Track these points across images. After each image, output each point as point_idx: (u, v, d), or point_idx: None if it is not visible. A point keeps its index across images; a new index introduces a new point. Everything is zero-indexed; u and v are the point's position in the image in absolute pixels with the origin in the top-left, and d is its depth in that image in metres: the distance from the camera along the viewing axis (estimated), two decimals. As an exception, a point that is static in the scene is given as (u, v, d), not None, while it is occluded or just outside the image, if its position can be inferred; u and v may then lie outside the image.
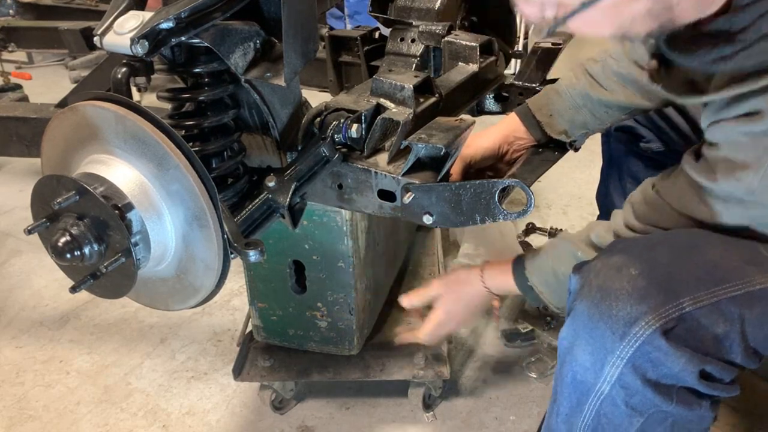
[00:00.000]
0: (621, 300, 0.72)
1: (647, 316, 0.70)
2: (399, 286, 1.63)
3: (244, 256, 0.78)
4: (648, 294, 0.71)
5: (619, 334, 0.71)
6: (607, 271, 0.75)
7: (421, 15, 1.39)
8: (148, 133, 0.70)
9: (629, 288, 0.72)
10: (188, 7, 0.76)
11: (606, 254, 0.78)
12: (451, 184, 0.95)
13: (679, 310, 0.70)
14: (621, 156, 1.46)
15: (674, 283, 0.72)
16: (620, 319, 0.71)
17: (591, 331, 0.74)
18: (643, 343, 0.70)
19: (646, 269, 0.73)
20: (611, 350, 0.72)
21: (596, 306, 0.74)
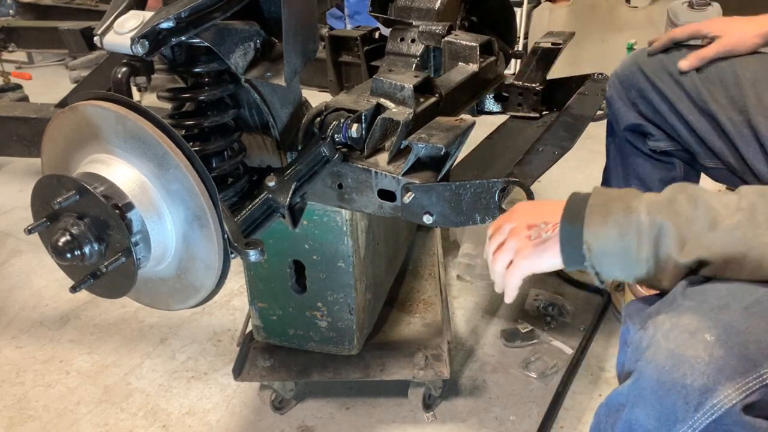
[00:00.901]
0: (697, 369, 0.67)
1: (727, 389, 0.65)
2: (399, 286, 1.63)
3: (245, 256, 0.78)
4: (727, 364, 0.66)
5: (694, 405, 0.66)
6: (678, 335, 0.69)
7: (421, 15, 1.39)
8: (148, 133, 0.70)
9: (706, 357, 0.67)
10: (188, 7, 0.76)
11: (673, 311, 0.72)
12: (451, 184, 0.95)
13: (761, 383, 0.66)
14: (627, 155, 1.45)
15: (754, 351, 0.67)
16: (695, 390, 0.66)
17: (660, 398, 0.69)
18: (721, 416, 0.66)
19: (723, 336, 0.67)
20: (682, 420, 0.68)
21: (668, 373, 0.69)
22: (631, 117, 1.37)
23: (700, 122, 1.25)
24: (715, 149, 1.25)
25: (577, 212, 0.78)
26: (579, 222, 0.77)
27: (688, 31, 1.28)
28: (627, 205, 0.76)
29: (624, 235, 0.75)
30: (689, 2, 2.96)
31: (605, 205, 0.77)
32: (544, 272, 0.84)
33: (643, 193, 0.77)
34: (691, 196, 0.74)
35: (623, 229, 0.75)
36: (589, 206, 0.77)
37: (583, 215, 0.77)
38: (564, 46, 1.55)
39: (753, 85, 1.18)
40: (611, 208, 0.76)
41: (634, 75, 1.35)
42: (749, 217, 0.70)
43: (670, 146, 1.35)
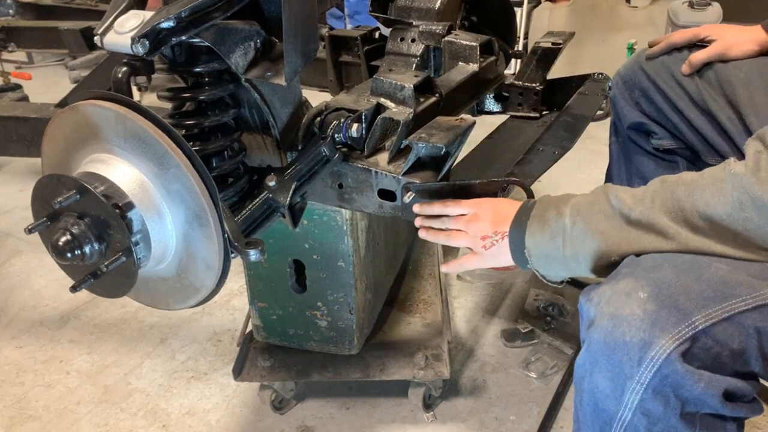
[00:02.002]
0: (633, 326, 0.71)
1: (661, 339, 0.69)
2: (399, 286, 1.63)
3: (245, 256, 0.78)
4: (659, 317, 0.70)
5: (636, 360, 0.71)
6: (617, 298, 0.74)
7: (421, 15, 1.39)
8: (148, 133, 0.70)
9: (640, 313, 0.71)
10: (188, 7, 0.76)
11: (613, 280, 0.77)
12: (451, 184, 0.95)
13: (693, 329, 0.69)
14: (630, 154, 1.46)
15: (684, 302, 0.71)
16: (635, 345, 0.71)
17: (608, 358, 0.73)
18: (660, 367, 0.69)
19: (654, 291, 0.72)
20: (630, 376, 0.72)
21: (610, 333, 0.73)
22: (634, 116, 1.38)
23: (702, 121, 1.27)
24: (717, 147, 1.26)
25: (522, 220, 0.88)
26: (522, 230, 0.88)
27: (686, 36, 1.30)
28: (558, 210, 0.85)
29: (554, 238, 0.84)
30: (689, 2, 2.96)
31: (544, 213, 0.86)
32: None
33: (573, 196, 0.86)
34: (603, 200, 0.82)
35: (554, 232, 0.84)
36: (532, 216, 0.87)
37: (527, 223, 0.87)
38: (564, 46, 1.55)
39: (745, 86, 1.21)
40: (547, 214, 0.86)
41: (637, 75, 1.36)
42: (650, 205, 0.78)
43: (673, 144, 1.36)
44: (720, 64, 1.24)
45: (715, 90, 1.24)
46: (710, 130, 1.26)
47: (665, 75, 1.31)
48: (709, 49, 1.25)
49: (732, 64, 1.23)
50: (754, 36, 1.23)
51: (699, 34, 1.29)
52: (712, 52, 1.24)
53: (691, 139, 1.30)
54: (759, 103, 1.18)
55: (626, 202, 0.79)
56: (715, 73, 1.24)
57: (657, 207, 0.77)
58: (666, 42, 1.32)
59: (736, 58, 1.23)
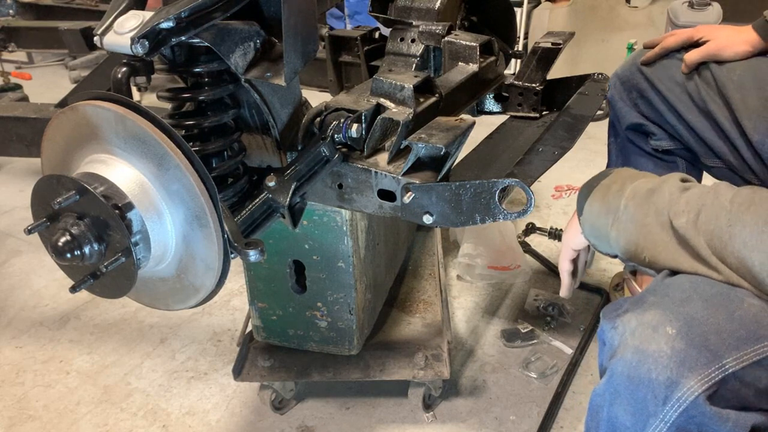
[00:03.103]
0: (660, 363, 0.69)
1: (690, 380, 0.67)
2: (399, 286, 1.63)
3: (244, 256, 0.78)
4: (688, 356, 0.68)
5: (662, 399, 0.68)
6: (642, 331, 0.72)
7: (421, 15, 1.39)
8: (148, 133, 0.70)
9: (668, 350, 0.69)
10: (188, 7, 0.76)
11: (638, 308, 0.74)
12: (451, 184, 0.95)
13: (723, 372, 0.67)
14: (629, 155, 1.46)
15: (715, 342, 0.68)
16: (661, 383, 0.68)
17: (631, 393, 0.71)
18: (687, 408, 0.67)
19: (684, 328, 0.69)
20: (654, 414, 0.69)
21: (635, 369, 0.71)
22: (632, 117, 1.38)
23: (700, 122, 1.26)
24: (715, 148, 1.26)
25: (592, 186, 0.86)
26: (586, 195, 0.86)
27: (680, 39, 1.31)
28: (622, 187, 0.82)
29: (607, 214, 0.82)
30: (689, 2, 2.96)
31: (610, 185, 0.84)
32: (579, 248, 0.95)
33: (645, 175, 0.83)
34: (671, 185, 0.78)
35: (609, 207, 0.82)
36: (600, 184, 0.85)
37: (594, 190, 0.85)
38: (564, 46, 1.55)
39: (738, 88, 1.21)
40: (613, 188, 0.84)
41: (634, 75, 1.36)
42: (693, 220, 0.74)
43: (672, 145, 1.36)
44: (715, 65, 1.24)
45: (713, 91, 1.24)
46: (708, 131, 1.26)
47: (663, 76, 1.31)
48: (702, 49, 1.25)
49: (726, 66, 1.23)
50: (746, 37, 1.23)
51: (693, 35, 1.29)
52: (706, 52, 1.24)
53: (690, 140, 1.30)
54: (751, 105, 1.18)
55: (678, 205, 0.75)
56: (711, 74, 1.24)
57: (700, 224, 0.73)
58: (660, 47, 1.32)
59: (729, 59, 1.23)
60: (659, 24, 3.37)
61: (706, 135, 1.26)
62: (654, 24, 3.43)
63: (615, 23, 3.55)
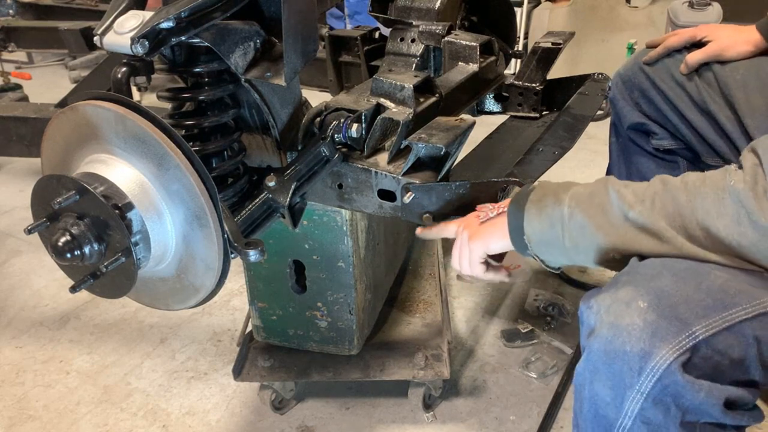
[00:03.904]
0: (634, 335, 0.71)
1: (661, 349, 0.69)
2: (399, 286, 1.63)
3: (244, 256, 0.78)
4: (659, 327, 0.70)
5: (636, 370, 0.71)
6: (616, 307, 0.74)
7: (421, 15, 1.39)
8: (148, 133, 0.70)
9: (640, 322, 0.71)
10: (188, 7, 0.76)
11: (612, 287, 0.77)
12: (451, 184, 0.95)
13: (693, 339, 0.69)
14: (630, 154, 1.46)
15: (684, 311, 0.71)
16: (635, 355, 0.71)
17: (608, 367, 0.74)
18: (660, 377, 0.69)
19: (654, 300, 0.72)
20: (630, 385, 0.72)
21: (610, 343, 0.73)
22: (634, 116, 1.38)
23: (701, 121, 1.27)
24: (717, 148, 1.26)
25: (521, 204, 0.86)
26: (521, 214, 0.85)
27: (683, 38, 1.31)
28: (557, 198, 0.83)
29: (553, 226, 0.83)
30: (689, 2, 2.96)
31: (541, 199, 0.85)
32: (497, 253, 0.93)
33: (574, 185, 0.84)
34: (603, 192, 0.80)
35: (552, 220, 0.83)
36: (530, 201, 0.85)
37: (525, 207, 0.85)
38: (564, 46, 1.55)
39: (742, 87, 1.21)
40: (545, 200, 0.84)
41: (636, 75, 1.36)
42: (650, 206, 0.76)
43: (673, 145, 1.36)
44: (718, 65, 1.24)
45: (714, 91, 1.24)
46: (710, 130, 1.26)
47: (665, 75, 1.31)
48: (705, 50, 1.25)
49: (729, 66, 1.23)
50: (748, 37, 1.23)
51: (695, 35, 1.29)
52: (708, 52, 1.24)
53: (691, 139, 1.30)
54: (755, 105, 1.18)
55: (627, 198, 0.78)
56: (713, 74, 1.25)
57: (657, 209, 0.76)
58: (663, 46, 1.32)
59: (731, 59, 1.23)
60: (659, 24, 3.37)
61: (707, 134, 1.26)
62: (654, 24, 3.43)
63: (615, 23, 3.55)
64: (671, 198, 0.76)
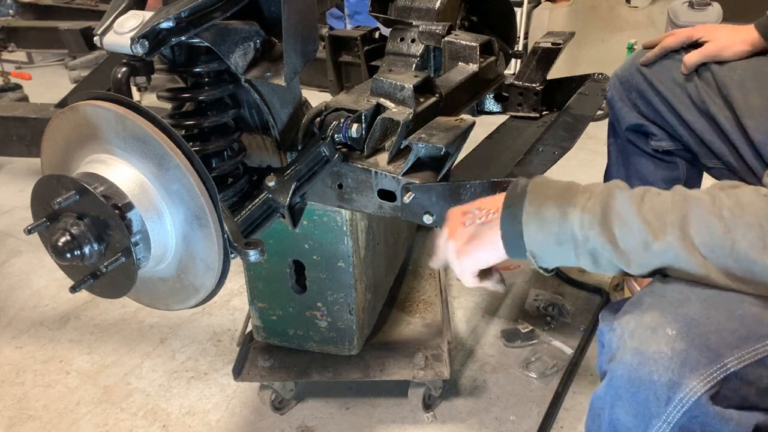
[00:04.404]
0: (661, 364, 0.68)
1: (691, 380, 0.67)
2: (399, 286, 1.63)
3: (244, 256, 0.78)
4: (689, 356, 0.68)
5: (664, 400, 0.68)
6: (642, 332, 0.71)
7: (421, 15, 1.39)
8: (148, 133, 0.70)
9: (668, 351, 0.68)
10: (188, 7, 0.76)
11: (636, 310, 0.74)
12: (451, 184, 0.95)
13: (724, 372, 0.67)
14: (629, 155, 1.45)
15: (715, 341, 0.68)
16: (663, 385, 0.68)
17: (633, 395, 0.71)
18: (690, 408, 0.67)
19: (684, 329, 0.69)
20: (656, 415, 0.69)
21: (636, 370, 0.70)
22: (632, 117, 1.38)
23: (700, 123, 1.26)
24: (715, 149, 1.26)
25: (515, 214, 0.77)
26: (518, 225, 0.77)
27: (680, 38, 1.30)
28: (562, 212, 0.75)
29: (561, 244, 0.76)
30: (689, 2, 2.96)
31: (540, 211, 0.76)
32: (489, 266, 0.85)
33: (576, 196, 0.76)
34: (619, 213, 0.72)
35: (559, 239, 0.75)
36: (526, 212, 0.77)
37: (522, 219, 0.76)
38: (564, 46, 1.55)
39: (740, 87, 1.20)
40: (546, 214, 0.76)
41: (634, 76, 1.36)
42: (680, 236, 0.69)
43: (672, 146, 1.36)
44: (716, 65, 1.23)
45: (712, 91, 1.23)
46: (708, 132, 1.25)
47: (663, 77, 1.31)
48: (702, 50, 1.24)
49: (727, 66, 1.22)
50: (746, 36, 1.23)
51: (692, 35, 1.29)
52: (706, 53, 1.24)
53: (689, 140, 1.30)
54: (754, 105, 1.17)
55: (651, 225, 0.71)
56: (711, 74, 1.24)
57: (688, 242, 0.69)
58: (660, 47, 1.32)
59: (729, 59, 1.23)
60: (659, 24, 3.37)
61: (705, 135, 1.26)
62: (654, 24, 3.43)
63: (615, 23, 3.55)
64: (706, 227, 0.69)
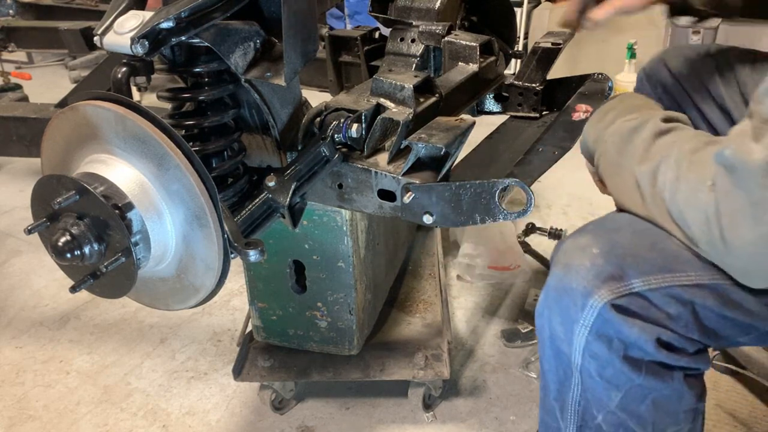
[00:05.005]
0: (580, 275, 0.78)
1: (600, 290, 0.76)
2: (399, 286, 1.63)
3: (244, 256, 0.78)
4: (603, 270, 0.77)
5: (579, 305, 0.77)
6: (573, 250, 0.82)
7: (421, 15, 1.39)
8: (148, 133, 0.70)
9: (588, 264, 0.78)
10: (188, 7, 0.76)
11: (577, 234, 0.85)
12: (451, 184, 0.95)
13: (629, 289, 0.76)
14: None
15: (629, 264, 0.77)
16: (578, 291, 0.78)
17: (559, 302, 0.80)
18: (599, 312, 0.76)
19: (606, 249, 0.79)
20: (575, 320, 0.78)
21: (560, 280, 0.80)
22: None
23: (719, 119, 1.27)
24: None
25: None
26: None
27: None
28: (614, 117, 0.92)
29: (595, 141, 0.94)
30: (689, 2, 2.95)
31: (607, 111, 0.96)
32: None
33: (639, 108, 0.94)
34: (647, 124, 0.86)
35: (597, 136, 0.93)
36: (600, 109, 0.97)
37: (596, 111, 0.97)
38: (564, 46, 1.55)
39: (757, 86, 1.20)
40: (607, 115, 0.94)
41: (660, 71, 1.37)
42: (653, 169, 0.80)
43: None
44: (739, 64, 1.24)
45: (732, 89, 1.24)
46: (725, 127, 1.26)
47: (687, 72, 1.32)
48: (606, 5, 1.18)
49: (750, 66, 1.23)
50: None
51: None
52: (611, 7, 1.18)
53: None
54: None
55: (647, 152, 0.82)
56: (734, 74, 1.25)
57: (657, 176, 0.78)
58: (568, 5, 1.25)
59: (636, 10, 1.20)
60: (659, 24, 3.37)
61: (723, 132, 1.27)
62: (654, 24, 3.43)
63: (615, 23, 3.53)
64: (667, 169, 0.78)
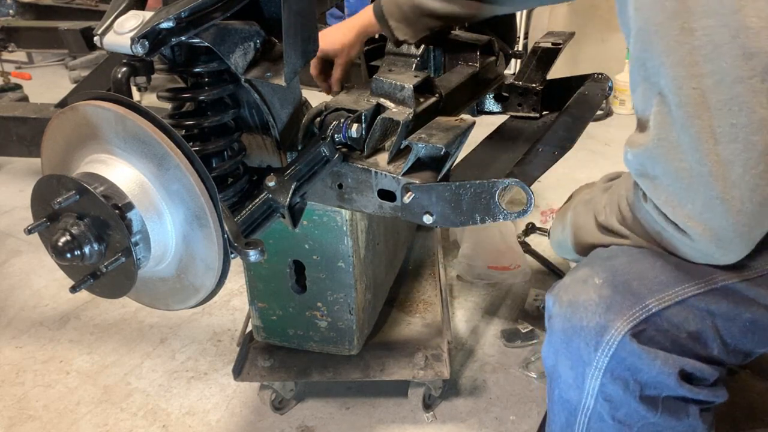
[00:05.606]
0: (589, 310, 0.73)
1: (616, 322, 0.71)
2: (399, 286, 1.63)
3: (244, 256, 0.78)
4: (613, 301, 0.72)
5: (593, 345, 0.72)
6: (574, 285, 0.77)
7: (421, 15, 1.39)
8: (148, 133, 0.70)
9: (595, 297, 0.73)
10: (188, 7, 0.76)
11: (574, 270, 0.81)
12: (451, 184, 0.95)
13: (646, 312, 0.71)
14: None
15: (637, 286, 0.73)
16: (591, 329, 0.72)
17: (567, 345, 0.75)
18: (616, 350, 0.71)
19: (609, 277, 0.75)
20: (588, 362, 0.73)
21: (568, 320, 0.75)
22: None
23: None
24: None
25: None
26: None
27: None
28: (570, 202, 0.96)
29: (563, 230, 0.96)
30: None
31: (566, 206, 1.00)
32: None
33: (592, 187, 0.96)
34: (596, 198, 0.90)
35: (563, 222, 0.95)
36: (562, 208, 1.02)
37: None
38: (564, 46, 1.55)
39: None
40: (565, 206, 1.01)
41: None
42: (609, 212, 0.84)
43: None
44: None
45: None
46: None
47: None
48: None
49: None
50: (354, 23, 1.26)
51: None
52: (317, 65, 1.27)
53: None
54: None
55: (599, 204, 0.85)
56: None
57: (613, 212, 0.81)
58: None
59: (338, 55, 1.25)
60: (659, 24, 3.37)
61: None
62: (654, 24, 3.43)
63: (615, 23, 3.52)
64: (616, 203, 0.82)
